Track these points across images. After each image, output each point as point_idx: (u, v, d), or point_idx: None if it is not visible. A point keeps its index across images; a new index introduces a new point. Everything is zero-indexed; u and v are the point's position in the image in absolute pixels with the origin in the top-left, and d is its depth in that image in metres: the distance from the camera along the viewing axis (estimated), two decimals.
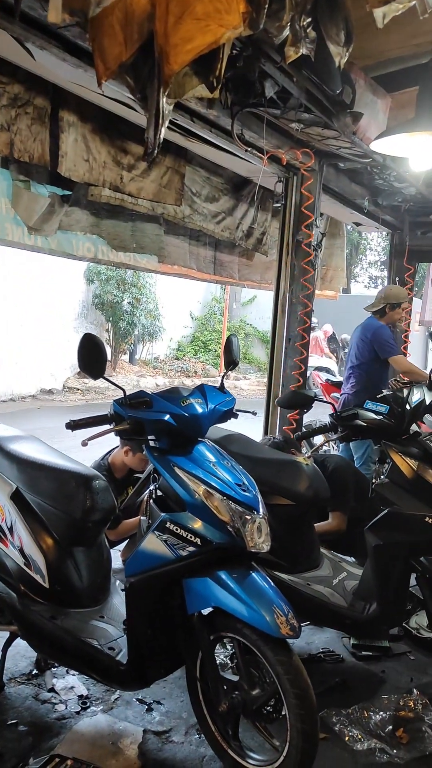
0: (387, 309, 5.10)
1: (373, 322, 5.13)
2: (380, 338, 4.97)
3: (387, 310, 5.10)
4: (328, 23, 1.74)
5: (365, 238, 21.81)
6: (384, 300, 5.11)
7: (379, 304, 5.13)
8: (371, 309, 5.18)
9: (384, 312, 5.11)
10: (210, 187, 4.88)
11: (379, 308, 5.12)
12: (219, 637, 2.45)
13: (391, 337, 5.08)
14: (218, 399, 2.66)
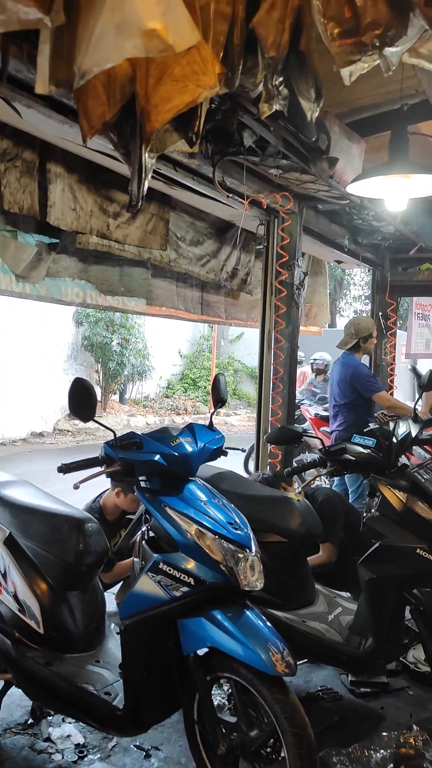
0: (360, 342, 5.18)
1: (349, 360, 5.17)
2: (360, 378, 5.03)
3: (361, 344, 5.18)
4: (299, 81, 1.85)
5: (349, 274, 22.16)
6: (356, 335, 5.17)
7: (352, 340, 5.18)
8: (345, 346, 5.22)
9: (358, 346, 5.19)
10: (194, 231, 5.01)
11: (353, 345, 5.18)
12: (215, 678, 2.45)
13: (370, 375, 5.14)
14: (207, 437, 2.70)
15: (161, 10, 1.31)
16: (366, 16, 1.63)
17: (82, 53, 1.44)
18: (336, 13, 1.67)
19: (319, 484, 6.32)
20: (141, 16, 1.31)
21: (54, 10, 1.35)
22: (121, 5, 1.34)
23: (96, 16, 1.38)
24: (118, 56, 1.39)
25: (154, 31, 1.32)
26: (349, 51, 1.68)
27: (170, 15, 1.32)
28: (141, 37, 1.33)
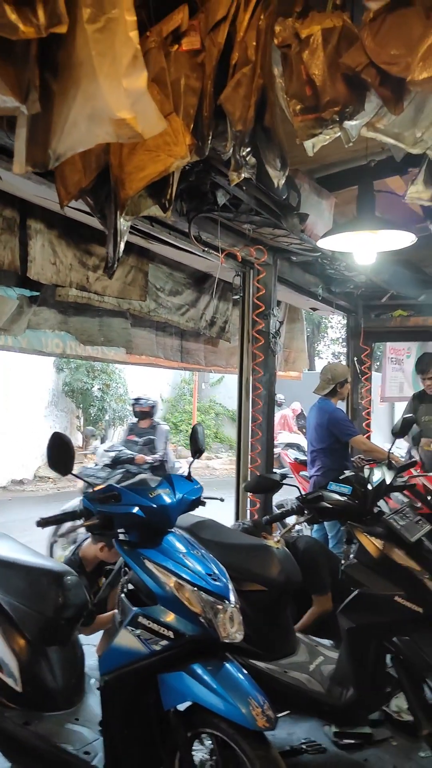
0: (337, 388, 5.26)
1: (326, 405, 5.24)
2: (337, 423, 5.10)
3: (337, 389, 5.27)
4: (266, 151, 1.96)
5: (326, 318, 22.55)
6: (332, 381, 5.24)
7: (328, 386, 5.25)
8: (322, 392, 5.29)
9: (335, 392, 5.27)
10: (173, 282, 5.12)
11: (330, 391, 5.26)
12: (196, 734, 2.42)
13: (347, 419, 5.21)
14: (186, 488, 2.73)
15: (130, 101, 1.41)
16: (325, 94, 1.75)
17: (57, 138, 1.53)
18: (297, 92, 1.79)
19: (299, 529, 6.33)
20: (111, 107, 1.41)
21: (30, 100, 1.44)
22: (93, 96, 1.43)
23: (69, 105, 1.47)
24: (91, 141, 1.48)
25: (124, 120, 1.41)
26: (311, 125, 1.80)
27: (139, 105, 1.42)
28: (112, 125, 1.42)
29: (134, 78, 1.38)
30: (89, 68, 1.41)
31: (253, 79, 1.82)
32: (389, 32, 1.66)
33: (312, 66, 1.74)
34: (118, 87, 1.38)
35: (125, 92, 1.39)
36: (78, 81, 1.44)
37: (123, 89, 1.38)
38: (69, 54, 1.47)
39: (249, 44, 1.81)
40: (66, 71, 1.50)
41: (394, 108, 1.72)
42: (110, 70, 1.39)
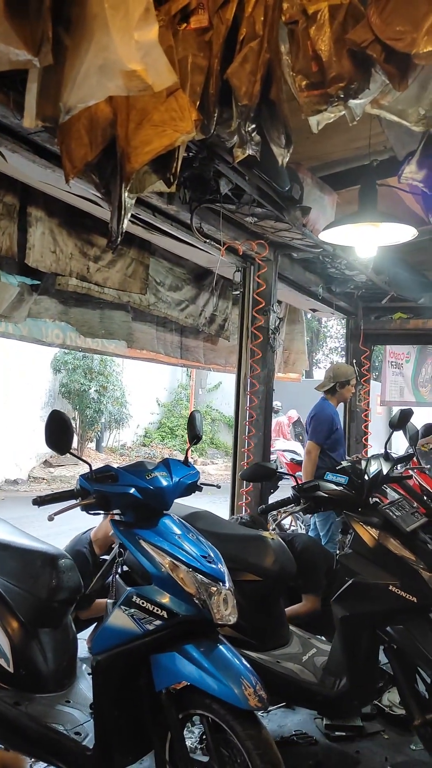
0: (337, 387, 5.28)
1: (320, 403, 5.28)
2: (315, 420, 5.16)
3: (337, 388, 5.28)
4: (270, 128, 1.98)
5: (325, 326, 22.60)
6: (333, 379, 5.29)
7: (329, 384, 5.30)
8: (322, 389, 5.35)
9: (335, 390, 5.29)
10: (173, 277, 5.14)
11: (330, 387, 5.29)
12: (188, 715, 2.41)
13: (325, 424, 5.14)
14: (183, 472, 2.73)
15: (141, 53, 1.42)
16: (331, 70, 1.78)
17: (68, 91, 1.54)
18: (303, 67, 1.81)
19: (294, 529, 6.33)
20: (122, 59, 1.42)
21: (43, 52, 1.46)
22: (105, 48, 1.45)
23: (81, 57, 1.49)
24: (102, 94, 1.49)
25: (134, 72, 1.43)
26: (316, 101, 1.82)
27: (149, 58, 1.44)
28: (122, 77, 1.44)
29: (146, 30, 1.40)
30: (102, 21, 1.43)
31: (260, 54, 1.84)
32: (395, 9, 1.69)
33: (318, 42, 1.76)
34: (130, 39, 1.40)
35: (136, 44, 1.41)
36: (91, 34, 1.46)
37: (134, 41, 1.40)
38: (82, 7, 1.49)
39: (257, 19, 1.83)
40: (79, 24, 1.51)
41: (399, 84, 1.74)
42: (122, 23, 1.41)
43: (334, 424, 5.23)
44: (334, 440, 5.18)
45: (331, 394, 5.30)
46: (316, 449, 5.07)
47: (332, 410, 5.28)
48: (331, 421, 5.21)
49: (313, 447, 5.08)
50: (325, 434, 5.11)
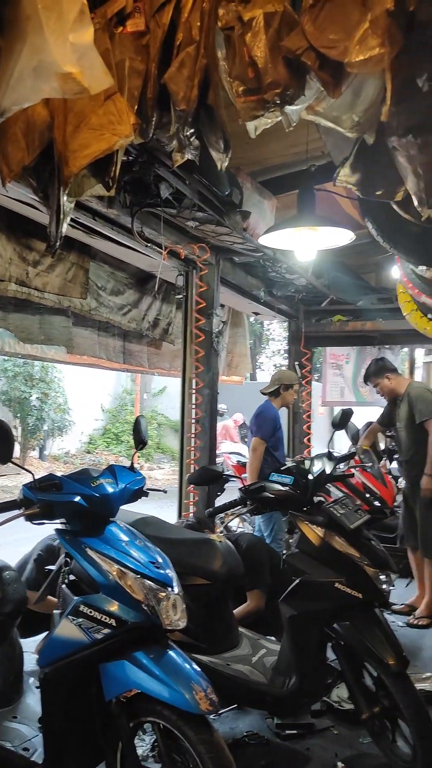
0: (281, 390, 5.39)
1: (264, 404, 5.38)
2: (258, 419, 5.25)
3: (281, 391, 5.39)
4: (209, 133, 1.99)
5: (267, 329, 22.86)
6: (278, 381, 5.41)
7: (274, 386, 5.42)
8: (266, 390, 5.47)
9: (278, 393, 5.39)
10: (114, 281, 5.10)
11: (274, 390, 5.40)
12: (139, 723, 2.38)
13: (268, 422, 5.23)
14: (128, 478, 2.70)
15: (76, 55, 1.41)
16: (267, 76, 1.80)
17: (2, 93, 1.51)
18: (240, 73, 1.83)
19: (242, 529, 6.37)
20: (57, 61, 1.41)
21: None
22: (39, 50, 1.43)
23: (15, 59, 1.46)
24: (37, 96, 1.47)
25: (70, 74, 1.41)
26: (253, 107, 1.84)
27: (85, 60, 1.42)
28: (58, 79, 1.42)
29: (81, 33, 1.39)
30: (35, 22, 1.41)
31: (197, 59, 1.85)
32: (328, 18, 1.73)
33: (254, 48, 1.78)
34: (65, 41, 1.39)
35: (71, 47, 1.39)
36: (24, 35, 1.43)
37: (69, 44, 1.39)
38: (15, 8, 1.46)
39: (193, 25, 1.84)
40: (12, 25, 1.49)
41: (333, 91, 1.78)
42: (57, 24, 1.39)
43: (277, 422, 5.32)
44: (277, 439, 5.27)
45: (274, 397, 5.40)
46: (261, 445, 5.15)
47: (275, 411, 5.38)
48: (275, 420, 5.30)
49: (259, 443, 5.15)
50: (270, 431, 5.20)
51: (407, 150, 1.81)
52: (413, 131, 1.77)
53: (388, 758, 2.96)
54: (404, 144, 1.80)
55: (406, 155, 1.83)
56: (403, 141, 1.79)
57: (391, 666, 2.78)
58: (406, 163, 1.85)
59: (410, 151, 1.81)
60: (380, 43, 1.62)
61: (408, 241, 3.33)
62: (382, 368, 5.00)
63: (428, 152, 1.82)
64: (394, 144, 1.83)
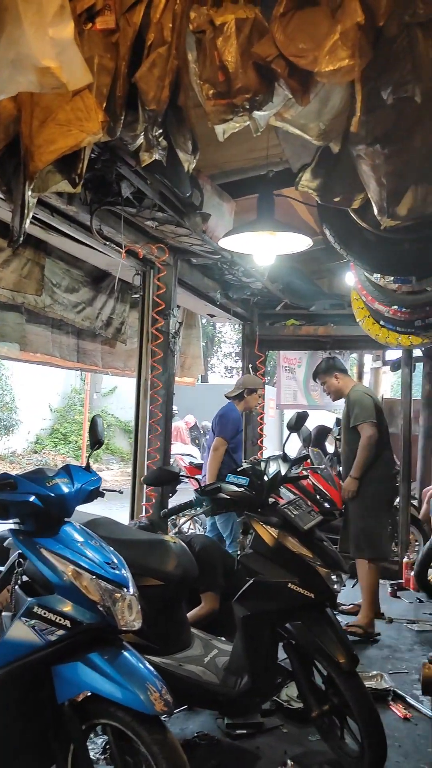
0: (245, 394, 5.45)
1: (227, 406, 5.47)
2: (221, 419, 5.30)
3: (245, 395, 5.46)
4: (177, 134, 2.00)
5: (219, 332, 22.95)
6: (242, 386, 5.51)
7: (237, 390, 5.51)
8: (231, 394, 5.54)
9: (242, 397, 5.46)
10: (70, 278, 5.04)
11: (237, 393, 5.47)
12: (92, 726, 2.37)
13: (231, 424, 5.29)
14: (84, 478, 2.68)
15: (56, 50, 1.40)
16: (237, 81, 1.82)
17: None
18: (210, 77, 1.84)
19: (193, 531, 6.38)
20: (36, 55, 1.39)
21: None
22: (17, 42, 1.41)
23: None
24: (13, 88, 1.45)
25: (48, 68, 1.40)
26: (222, 111, 1.86)
27: (64, 56, 1.41)
28: (36, 73, 1.40)
29: (61, 27, 1.38)
30: (14, 13, 1.38)
31: (169, 60, 1.86)
32: (298, 27, 1.76)
33: (225, 53, 1.80)
34: (44, 35, 1.37)
35: (51, 41, 1.38)
36: (2, 26, 1.41)
37: (49, 38, 1.37)
38: None
39: (165, 26, 1.84)
40: None
41: (301, 99, 1.82)
42: (36, 17, 1.38)
43: (239, 425, 5.37)
44: (237, 441, 5.31)
45: (238, 400, 5.47)
46: (223, 445, 5.18)
47: (238, 414, 5.43)
48: (238, 422, 5.38)
49: (221, 443, 5.18)
50: (231, 432, 5.24)
51: (373, 159, 1.86)
52: (381, 141, 1.82)
53: (337, 755, 3.02)
54: (371, 153, 1.85)
55: (371, 164, 1.88)
56: (370, 150, 1.84)
57: (342, 664, 2.84)
58: (371, 172, 1.91)
59: (376, 160, 1.86)
60: (350, 54, 1.66)
61: (364, 248, 3.40)
62: (332, 367, 5.05)
63: (393, 162, 1.87)
64: (360, 152, 1.88)
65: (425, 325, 4.44)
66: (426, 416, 7.77)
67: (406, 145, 1.99)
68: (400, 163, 1.99)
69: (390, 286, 4.28)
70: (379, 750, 2.83)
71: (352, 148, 1.91)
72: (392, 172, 1.90)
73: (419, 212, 2.04)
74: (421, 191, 1.98)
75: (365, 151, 1.86)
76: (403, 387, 6.58)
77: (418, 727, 3.43)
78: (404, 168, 2.01)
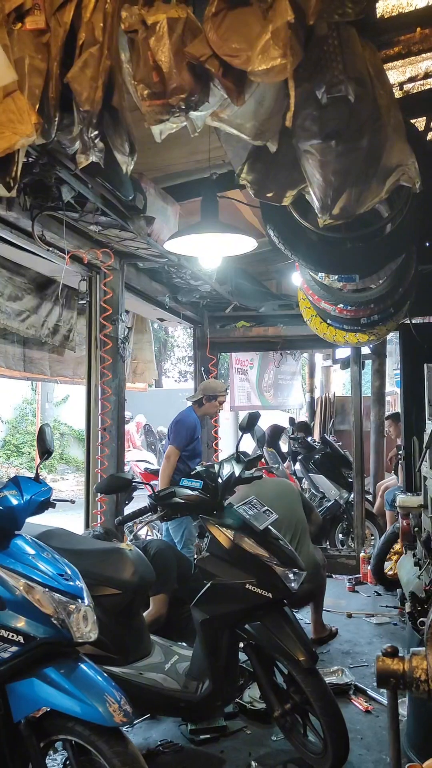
0: (204, 400, 5.41)
1: (185, 410, 5.42)
2: (176, 426, 5.26)
3: (204, 401, 5.42)
4: (113, 135, 1.97)
5: (172, 336, 22.87)
6: (202, 392, 5.45)
7: (198, 396, 5.48)
8: (191, 399, 5.52)
9: (201, 403, 5.42)
10: (12, 286, 4.93)
11: (198, 399, 5.44)
12: (50, 742, 2.31)
13: (185, 431, 5.23)
14: (34, 489, 2.62)
15: None
16: (171, 81, 1.81)
17: None
18: (144, 77, 1.82)
19: (151, 538, 6.33)
20: None
21: None
22: None
23: None
24: None
25: None
26: (158, 111, 1.84)
27: None
28: None
29: None
30: None
31: (101, 61, 1.83)
32: (230, 27, 1.76)
33: (158, 53, 1.79)
34: None
35: None
36: None
37: None
38: None
39: (96, 25, 1.82)
40: None
41: (237, 99, 1.82)
42: None
43: (195, 432, 5.31)
44: (193, 449, 5.25)
45: (197, 406, 5.42)
46: (175, 454, 5.13)
47: (195, 419, 5.37)
48: (194, 429, 5.30)
49: (173, 451, 5.13)
50: (185, 440, 5.18)
51: (324, 155, 1.87)
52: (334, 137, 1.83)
53: (300, 752, 3.03)
54: (322, 149, 1.86)
55: (320, 160, 1.89)
56: (322, 146, 1.85)
57: (302, 662, 2.85)
58: (318, 169, 1.91)
59: (327, 156, 1.87)
60: (282, 54, 1.67)
61: (307, 248, 3.43)
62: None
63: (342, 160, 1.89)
64: (310, 148, 1.88)
65: (371, 322, 4.50)
66: (376, 412, 7.90)
67: (355, 144, 2.02)
68: (348, 162, 2.01)
69: (335, 285, 4.33)
70: (342, 744, 2.85)
71: (300, 144, 1.91)
72: (340, 170, 1.91)
73: (351, 212, 2.06)
74: (355, 191, 2.01)
75: (317, 147, 1.86)
76: (353, 384, 6.67)
77: (380, 719, 3.47)
78: (351, 167, 2.03)
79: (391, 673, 1.75)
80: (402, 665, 1.74)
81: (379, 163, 2.10)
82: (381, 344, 7.37)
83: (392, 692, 1.81)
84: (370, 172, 2.12)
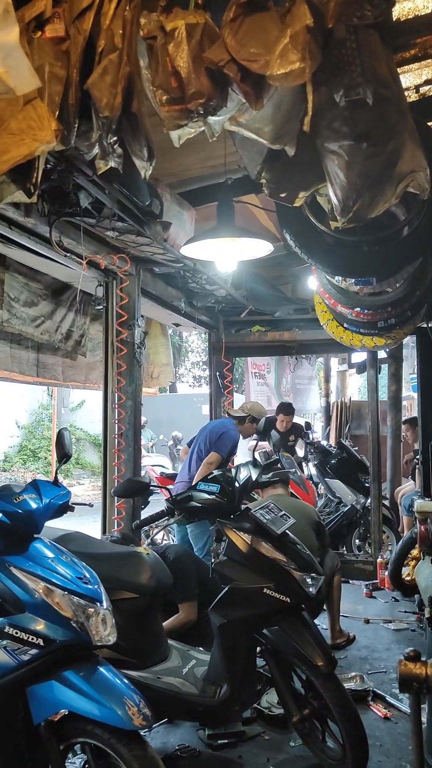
0: (248, 420, 5.29)
1: (230, 423, 5.25)
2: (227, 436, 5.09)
3: (247, 422, 5.29)
4: (132, 141, 1.99)
5: (186, 341, 22.93)
6: (249, 412, 5.31)
7: (242, 413, 5.33)
8: (234, 414, 5.37)
9: (244, 421, 5.30)
10: (29, 292, 4.97)
11: (241, 416, 5.31)
12: (69, 745, 2.32)
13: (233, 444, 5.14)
14: (53, 493, 2.64)
15: (1, 55, 1.38)
16: (190, 86, 1.82)
17: None
18: (163, 82, 1.84)
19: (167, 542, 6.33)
20: None
21: None
22: None
23: None
24: None
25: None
26: (177, 116, 1.86)
27: (10, 60, 1.39)
28: None
29: (6, 32, 1.36)
30: None
31: (120, 67, 1.85)
32: (248, 32, 1.77)
33: (177, 58, 1.80)
34: None
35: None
36: None
37: None
38: None
39: (115, 32, 1.84)
40: None
41: (255, 103, 1.83)
42: None
43: (235, 447, 5.22)
44: (228, 461, 5.18)
45: (239, 422, 5.29)
46: (218, 461, 4.98)
47: (237, 435, 5.24)
48: (236, 444, 5.20)
49: (216, 458, 4.96)
50: (228, 452, 5.10)
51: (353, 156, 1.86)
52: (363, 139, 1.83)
53: (319, 758, 3.01)
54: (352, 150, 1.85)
55: (347, 161, 1.88)
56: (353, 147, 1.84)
57: (320, 667, 2.83)
58: (344, 170, 1.90)
59: (355, 157, 1.87)
60: (300, 57, 1.67)
61: (323, 251, 3.43)
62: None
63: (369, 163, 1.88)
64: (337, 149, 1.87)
65: (388, 326, 4.49)
66: (393, 416, 7.86)
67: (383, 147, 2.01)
68: (373, 164, 2.01)
69: (352, 289, 4.32)
70: (361, 751, 2.83)
71: (328, 144, 1.91)
72: (365, 173, 1.91)
73: (363, 216, 2.06)
74: (369, 196, 2.01)
75: (345, 148, 1.86)
76: (369, 389, 6.63)
77: (399, 725, 3.44)
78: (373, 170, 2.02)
79: (413, 677, 1.74)
80: (425, 669, 1.73)
81: (395, 168, 2.10)
82: (397, 348, 7.34)
83: (415, 696, 1.79)
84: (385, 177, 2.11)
